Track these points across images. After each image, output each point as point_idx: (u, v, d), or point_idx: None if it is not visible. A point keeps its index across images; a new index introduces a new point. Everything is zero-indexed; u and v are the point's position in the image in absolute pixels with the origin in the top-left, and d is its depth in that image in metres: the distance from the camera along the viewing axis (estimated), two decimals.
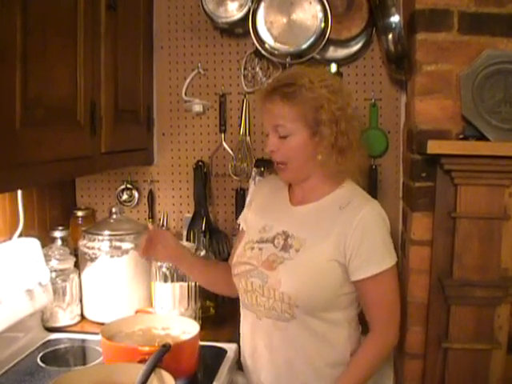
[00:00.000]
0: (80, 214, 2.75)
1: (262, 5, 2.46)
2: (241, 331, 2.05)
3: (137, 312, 2.19)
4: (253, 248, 1.94)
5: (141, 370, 1.61)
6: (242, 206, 2.28)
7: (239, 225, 2.18)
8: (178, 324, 2.06)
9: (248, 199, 2.18)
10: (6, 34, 1.48)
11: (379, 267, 1.81)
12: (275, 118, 1.85)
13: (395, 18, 2.27)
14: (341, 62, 2.58)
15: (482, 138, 2.18)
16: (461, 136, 2.23)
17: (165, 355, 1.70)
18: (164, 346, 1.73)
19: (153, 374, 1.62)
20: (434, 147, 2.11)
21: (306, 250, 1.84)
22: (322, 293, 1.83)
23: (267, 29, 2.46)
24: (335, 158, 1.85)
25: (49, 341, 2.21)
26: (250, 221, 2.07)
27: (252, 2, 2.47)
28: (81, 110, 1.93)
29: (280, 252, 1.87)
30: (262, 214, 2.02)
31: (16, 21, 1.51)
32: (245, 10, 2.47)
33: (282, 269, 1.84)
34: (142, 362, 1.69)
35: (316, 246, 1.84)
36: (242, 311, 2.01)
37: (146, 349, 1.77)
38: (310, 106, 1.81)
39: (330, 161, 1.85)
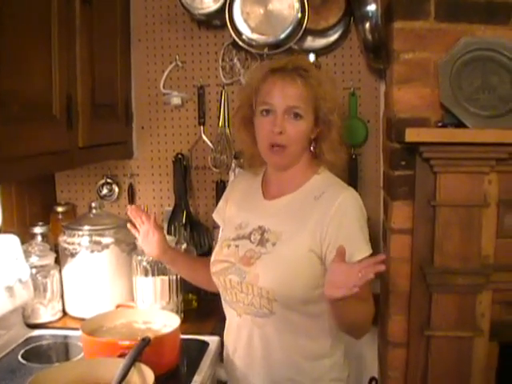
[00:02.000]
0: (60, 209, 2.72)
1: None
2: (225, 327, 2.01)
3: (118, 307, 2.16)
4: (229, 245, 1.90)
5: (120, 364, 1.60)
6: None
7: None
8: (159, 318, 2.06)
9: (224, 196, 2.10)
10: None
11: (361, 254, 1.72)
12: (293, 98, 1.77)
13: (372, 7, 2.26)
14: (319, 52, 2.56)
15: (460, 125, 2.19)
16: (439, 124, 2.24)
17: (145, 349, 1.69)
18: (144, 339, 1.73)
19: (132, 368, 1.62)
20: (412, 135, 2.11)
21: (282, 243, 1.80)
22: (301, 285, 1.77)
23: (244, 20, 2.45)
24: (329, 149, 1.83)
25: (30, 337, 2.19)
26: (227, 218, 2.03)
27: None
28: (56, 104, 1.91)
29: (257, 247, 1.83)
30: (237, 211, 1.99)
31: None
32: (221, 1, 2.45)
33: (259, 264, 1.80)
34: (121, 356, 1.68)
35: (292, 238, 1.79)
36: (224, 308, 1.98)
37: (126, 343, 1.76)
38: (319, 95, 1.79)
39: (326, 152, 1.84)
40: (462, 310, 2.25)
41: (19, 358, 2.02)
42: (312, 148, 1.86)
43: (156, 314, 2.11)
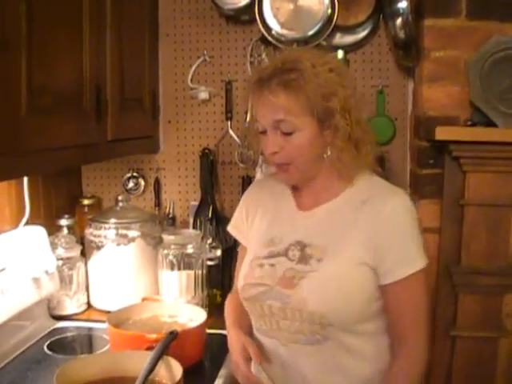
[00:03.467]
0: (86, 202, 2.74)
1: None
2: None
3: (144, 300, 2.18)
4: (262, 265, 1.67)
5: (148, 357, 1.60)
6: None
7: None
8: (185, 312, 2.07)
9: (240, 208, 1.86)
10: (10, 22, 1.47)
11: (411, 268, 1.55)
12: (277, 112, 1.55)
13: (403, 4, 2.25)
14: (347, 49, 2.54)
15: (490, 124, 2.17)
16: (469, 122, 2.22)
17: (172, 342, 1.69)
18: (171, 333, 1.74)
19: (160, 361, 1.61)
20: (442, 133, 2.11)
21: (330, 258, 1.58)
22: (357, 303, 1.57)
23: (273, 15, 2.44)
24: (352, 151, 1.59)
25: (55, 329, 2.21)
26: (251, 234, 1.79)
27: None
28: (87, 97, 1.92)
29: (298, 265, 1.60)
30: (266, 225, 1.75)
31: (21, 8, 1.50)
32: None
33: (305, 285, 1.57)
34: (149, 349, 1.69)
35: (341, 251, 1.58)
36: (258, 338, 1.73)
37: (154, 336, 1.78)
38: (318, 94, 1.53)
39: (346, 156, 1.59)
40: (487, 311, 2.24)
41: (45, 348, 2.04)
42: (325, 155, 1.61)
43: (182, 307, 2.12)
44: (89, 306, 2.43)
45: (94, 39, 1.94)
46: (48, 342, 2.09)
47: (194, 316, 2.03)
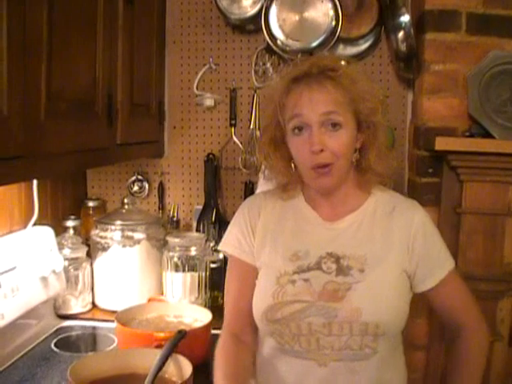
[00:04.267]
0: (91, 204, 2.79)
1: (275, 2, 2.50)
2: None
3: (149, 300, 2.23)
4: (294, 281, 1.56)
5: (158, 355, 1.65)
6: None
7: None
8: (190, 312, 2.13)
9: (242, 227, 1.70)
10: (33, 29, 1.52)
11: (446, 269, 1.62)
12: (328, 104, 1.51)
13: (405, 18, 2.33)
14: (349, 60, 2.60)
15: (487, 135, 2.24)
16: (467, 134, 2.29)
17: (181, 341, 1.74)
18: (180, 331, 1.78)
19: (169, 359, 1.67)
20: (441, 144, 2.17)
21: (372, 267, 1.55)
22: (404, 310, 1.57)
23: (279, 26, 2.51)
24: (383, 160, 1.62)
25: (61, 327, 2.26)
26: (264, 251, 1.66)
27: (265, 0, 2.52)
28: (99, 102, 1.98)
29: (339, 278, 1.55)
30: (285, 240, 1.65)
31: (43, 16, 1.55)
32: (258, 6, 2.52)
33: (353, 296, 1.52)
34: (158, 347, 1.74)
35: (382, 260, 1.57)
36: (282, 364, 1.60)
37: (162, 335, 1.83)
38: (360, 96, 1.55)
39: (378, 164, 1.61)
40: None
41: (52, 346, 2.08)
42: (355, 160, 1.61)
43: (187, 308, 2.18)
44: (93, 305, 2.47)
45: (106, 44, 1.99)
46: (55, 340, 2.14)
47: (198, 316, 2.09)
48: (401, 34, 2.36)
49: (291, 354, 1.57)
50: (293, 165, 1.64)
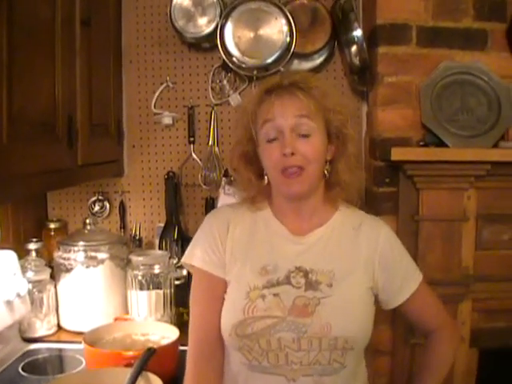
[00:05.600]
0: (52, 225, 2.77)
1: (230, 20, 2.55)
2: None
3: (116, 320, 2.23)
4: (264, 296, 1.55)
5: (128, 373, 1.66)
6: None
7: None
8: (157, 330, 2.14)
9: (210, 239, 1.66)
10: None
11: (419, 276, 1.71)
12: (299, 109, 1.54)
13: (357, 32, 2.40)
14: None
15: (441, 144, 2.31)
16: (421, 143, 2.35)
17: (150, 358, 1.75)
18: (149, 349, 1.79)
19: (140, 377, 1.67)
20: (397, 154, 2.22)
21: (340, 282, 1.57)
22: (370, 326, 1.59)
23: (235, 43, 2.55)
24: (353, 174, 1.65)
25: (28, 351, 2.23)
26: (237, 265, 1.62)
27: (220, 18, 2.56)
28: (59, 123, 1.97)
29: (308, 292, 1.55)
30: (254, 253, 1.63)
31: (2, 38, 1.55)
32: (213, 25, 2.56)
33: (323, 311, 1.52)
34: (128, 366, 1.74)
35: (349, 275, 1.59)
36: (248, 377, 1.58)
37: (130, 353, 1.83)
38: (331, 108, 1.58)
39: (348, 177, 1.64)
40: None
41: (20, 370, 2.05)
42: (326, 171, 1.62)
43: (153, 326, 2.18)
44: (59, 327, 2.45)
45: (65, 66, 1.99)
46: (22, 363, 2.10)
47: (165, 333, 2.10)
48: (354, 48, 2.43)
49: (259, 370, 1.56)
50: (266, 177, 1.64)
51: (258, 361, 1.55)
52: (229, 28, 2.55)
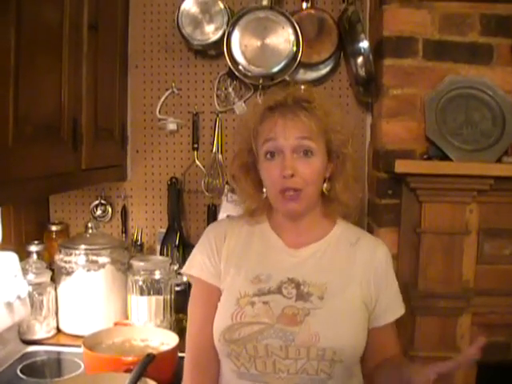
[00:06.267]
0: (54, 228, 2.78)
1: (237, 28, 2.56)
2: None
3: (115, 324, 2.23)
4: (253, 303, 1.58)
5: (126, 379, 1.66)
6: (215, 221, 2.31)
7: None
8: (156, 335, 2.13)
9: (207, 249, 1.72)
10: (1, 55, 1.53)
11: (401, 311, 1.72)
12: (300, 133, 1.56)
13: (364, 44, 2.40)
14: (310, 85, 2.64)
15: (444, 157, 2.30)
16: (425, 156, 2.35)
17: (149, 364, 1.75)
18: (148, 355, 1.79)
19: (138, 383, 1.68)
20: (401, 167, 2.22)
21: (332, 296, 1.58)
22: (361, 341, 1.60)
23: (241, 51, 2.56)
24: (352, 192, 1.67)
25: (26, 353, 2.23)
26: (230, 274, 1.66)
27: (227, 25, 2.57)
28: (64, 127, 1.98)
29: (298, 303, 1.57)
30: (250, 263, 1.67)
31: (10, 41, 1.56)
32: (220, 32, 2.58)
33: (312, 321, 1.54)
34: (127, 371, 1.74)
35: (342, 289, 1.60)
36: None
37: (130, 359, 1.83)
38: (332, 128, 1.61)
39: (346, 195, 1.66)
40: (443, 332, 2.35)
41: (18, 372, 2.05)
42: (325, 189, 1.65)
43: (153, 331, 2.18)
44: (58, 330, 2.45)
45: (71, 69, 2.00)
46: (20, 366, 2.10)
47: (165, 339, 2.10)
48: (360, 60, 2.44)
49: (247, 378, 1.57)
50: (265, 190, 1.66)
51: (246, 368, 1.57)
52: (236, 36, 2.56)
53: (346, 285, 1.61)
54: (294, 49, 2.54)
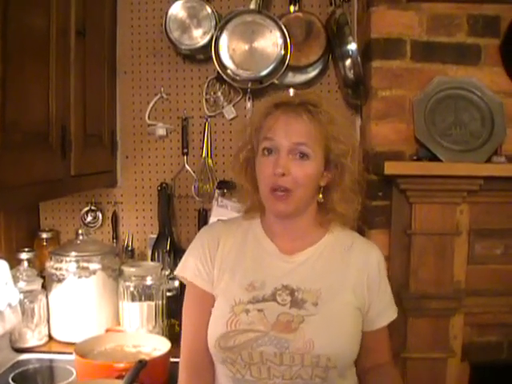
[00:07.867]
0: (45, 235, 2.76)
1: (225, 32, 2.56)
2: None
3: (107, 331, 2.22)
4: (248, 310, 1.58)
5: None
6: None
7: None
8: (149, 341, 2.13)
9: (200, 254, 1.70)
10: None
11: (393, 315, 1.74)
12: (301, 135, 1.56)
13: (352, 46, 2.41)
14: (298, 87, 2.64)
15: (434, 158, 2.31)
16: (414, 157, 2.36)
17: (141, 371, 1.74)
18: (140, 361, 1.77)
19: None
20: (390, 168, 2.22)
21: (326, 302, 1.58)
22: (355, 346, 1.60)
23: (230, 55, 2.56)
24: (349, 203, 1.66)
25: (18, 361, 2.21)
26: (224, 280, 1.66)
27: (215, 30, 2.57)
28: (53, 133, 1.98)
29: (292, 310, 1.57)
30: (243, 269, 1.66)
31: None
32: (208, 37, 2.57)
33: (306, 328, 1.54)
34: (119, 378, 1.74)
35: (336, 295, 1.60)
36: None
37: (122, 365, 1.82)
38: (333, 136, 1.59)
39: (342, 206, 1.65)
40: (436, 333, 2.36)
41: (10, 381, 2.04)
42: (319, 199, 1.65)
43: (145, 337, 2.17)
44: (50, 338, 2.43)
45: (59, 76, 2.00)
46: (12, 374, 2.09)
47: (157, 345, 2.09)
48: (348, 62, 2.44)
49: (242, 383, 1.58)
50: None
51: (241, 374, 1.57)
52: (224, 40, 2.56)
53: (339, 290, 1.62)
54: (283, 52, 2.54)
